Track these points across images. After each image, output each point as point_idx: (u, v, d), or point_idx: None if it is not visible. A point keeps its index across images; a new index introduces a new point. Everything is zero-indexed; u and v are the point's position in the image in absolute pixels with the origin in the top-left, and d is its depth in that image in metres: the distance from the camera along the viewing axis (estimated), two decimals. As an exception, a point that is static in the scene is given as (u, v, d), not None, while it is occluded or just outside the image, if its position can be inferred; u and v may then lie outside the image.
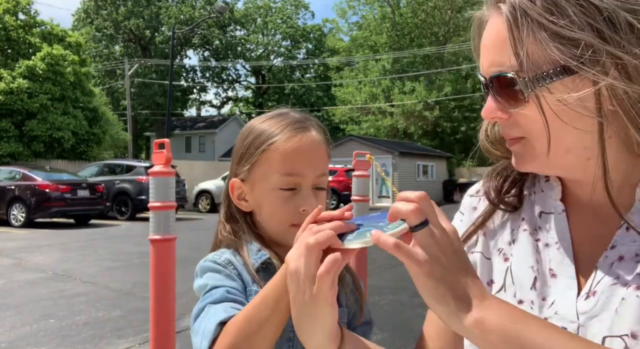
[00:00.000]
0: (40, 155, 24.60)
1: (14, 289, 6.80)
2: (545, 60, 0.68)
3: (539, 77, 0.68)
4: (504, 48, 0.71)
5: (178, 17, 46.68)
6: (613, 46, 0.65)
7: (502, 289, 0.82)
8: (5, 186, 14.75)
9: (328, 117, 45.79)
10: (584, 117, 0.68)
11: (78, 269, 8.25)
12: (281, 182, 1.01)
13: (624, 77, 0.65)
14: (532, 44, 0.68)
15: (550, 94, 0.68)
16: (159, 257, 2.96)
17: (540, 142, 0.72)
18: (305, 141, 1.03)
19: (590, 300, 0.71)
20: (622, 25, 0.65)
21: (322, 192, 1.04)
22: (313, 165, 1.02)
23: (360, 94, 38.31)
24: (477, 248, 0.89)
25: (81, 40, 28.96)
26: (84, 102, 26.39)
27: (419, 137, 38.21)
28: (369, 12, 41.68)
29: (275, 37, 54.23)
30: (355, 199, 4.30)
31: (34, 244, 11.18)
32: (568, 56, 0.66)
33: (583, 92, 0.67)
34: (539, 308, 0.76)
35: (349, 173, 21.14)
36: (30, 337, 4.82)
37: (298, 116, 1.08)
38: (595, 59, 0.65)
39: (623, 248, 0.71)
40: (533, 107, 0.70)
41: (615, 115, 0.68)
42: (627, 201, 0.73)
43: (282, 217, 1.01)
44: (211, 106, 65.49)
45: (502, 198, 0.88)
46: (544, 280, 0.78)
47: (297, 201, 1.01)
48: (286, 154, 1.01)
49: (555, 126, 0.70)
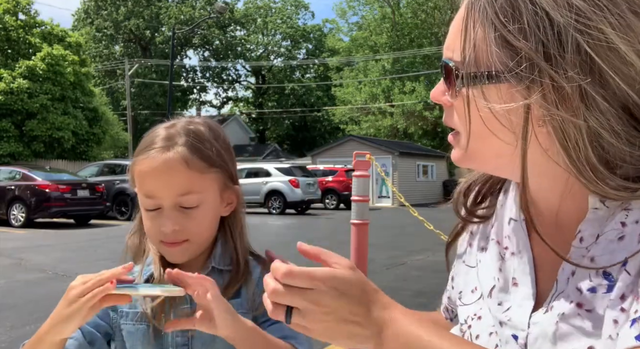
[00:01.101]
0: (40, 155, 24.62)
1: (14, 289, 6.80)
2: (486, 61, 0.66)
3: (475, 76, 0.66)
4: (460, 35, 0.69)
5: (178, 17, 46.69)
6: (552, 65, 0.61)
7: (481, 297, 0.82)
8: (5, 186, 14.74)
9: (328, 117, 45.82)
10: (508, 130, 0.66)
11: (78, 269, 8.24)
12: (143, 203, 1.05)
13: (558, 100, 0.62)
14: (480, 41, 0.66)
15: (481, 96, 0.66)
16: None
17: (468, 140, 0.71)
18: (158, 162, 1.01)
19: (547, 314, 0.69)
20: (570, 44, 0.61)
21: (191, 211, 1.03)
22: (168, 186, 1.01)
23: (360, 94, 38.32)
24: (465, 258, 0.90)
25: (81, 41, 28.99)
26: (84, 102, 26.40)
27: (419, 137, 38.21)
28: (369, 13, 41.68)
29: (275, 37, 54.26)
30: (355, 199, 4.30)
31: (34, 244, 11.18)
32: (505, 63, 0.64)
33: (508, 106, 0.64)
34: (494, 313, 0.76)
35: (349, 173, 21.15)
36: (30, 337, 4.81)
37: (171, 132, 1.06)
38: (530, 74, 0.62)
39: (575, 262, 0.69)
40: (464, 99, 0.69)
41: (547, 135, 0.65)
42: (581, 210, 0.69)
43: (151, 234, 1.06)
44: (211, 106, 65.55)
45: (472, 212, 0.87)
46: (504, 287, 0.77)
47: (159, 220, 1.03)
48: (141, 175, 1.03)
49: (479, 128, 0.68)
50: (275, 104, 51.82)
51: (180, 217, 1.02)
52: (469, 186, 0.89)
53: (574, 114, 0.62)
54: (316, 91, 50.35)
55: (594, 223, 0.68)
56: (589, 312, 0.64)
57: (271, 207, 20.29)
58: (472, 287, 0.85)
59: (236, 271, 1.09)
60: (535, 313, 0.71)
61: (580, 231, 0.69)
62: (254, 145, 45.83)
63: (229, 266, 1.10)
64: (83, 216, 15.56)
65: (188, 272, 0.96)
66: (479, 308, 0.81)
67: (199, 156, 1.03)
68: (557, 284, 0.70)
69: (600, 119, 0.62)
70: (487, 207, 0.87)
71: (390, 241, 11.21)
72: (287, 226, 15.41)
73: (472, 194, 0.89)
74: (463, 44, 0.68)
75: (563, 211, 0.72)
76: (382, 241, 10.90)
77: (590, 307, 0.64)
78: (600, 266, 0.64)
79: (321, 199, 22.51)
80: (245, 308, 1.05)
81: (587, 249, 0.68)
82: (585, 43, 0.61)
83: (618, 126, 0.62)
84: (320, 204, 23.15)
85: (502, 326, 0.74)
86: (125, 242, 1.14)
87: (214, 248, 1.11)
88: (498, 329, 0.74)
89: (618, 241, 0.65)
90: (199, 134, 1.06)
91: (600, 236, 0.67)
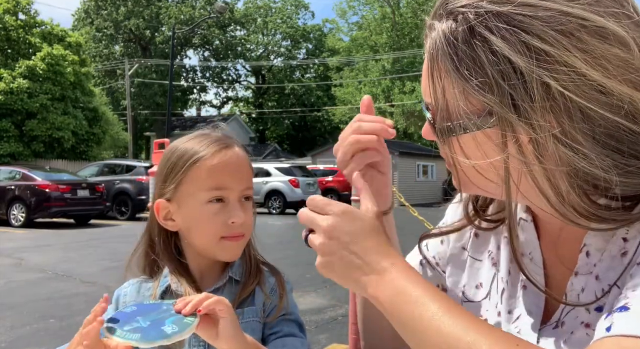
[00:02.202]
0: (40, 155, 24.62)
1: (14, 289, 6.80)
2: (457, 112, 0.65)
3: (449, 128, 0.66)
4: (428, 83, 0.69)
5: (178, 17, 46.67)
6: (522, 116, 0.59)
7: (487, 297, 0.81)
8: (5, 186, 14.73)
9: (328, 117, 45.80)
10: (493, 173, 0.66)
11: (78, 269, 8.25)
12: (209, 196, 1.06)
13: (535, 150, 0.61)
14: (449, 90, 0.65)
15: (459, 149, 0.67)
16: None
17: (459, 179, 0.72)
18: (230, 156, 1.09)
19: (558, 330, 0.69)
20: (537, 89, 0.59)
21: (248, 202, 1.11)
22: (238, 178, 1.09)
23: (360, 94, 38.30)
24: (468, 249, 0.88)
25: (81, 40, 28.98)
26: (84, 102, 26.41)
27: (419, 137, 38.20)
28: (369, 12, 41.68)
29: (275, 37, 54.23)
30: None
31: (34, 244, 11.17)
32: (475, 116, 0.63)
33: (482, 162, 0.65)
34: (505, 322, 0.75)
35: (349, 173, 21.12)
36: (30, 337, 4.82)
37: (220, 135, 1.14)
38: (502, 128, 0.61)
39: (583, 278, 0.69)
40: (447, 148, 0.69)
41: (527, 182, 0.65)
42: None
43: (212, 230, 1.06)
44: (211, 106, 65.48)
45: (482, 216, 0.85)
46: (513, 293, 0.76)
47: (225, 213, 1.06)
48: (212, 169, 1.07)
49: (466, 172, 0.69)
50: (275, 104, 51.81)
51: (242, 209, 1.08)
52: None
53: (556, 161, 0.60)
54: (316, 90, 50.34)
55: (597, 236, 0.67)
56: (595, 331, 0.64)
57: (271, 207, 20.28)
58: (477, 282, 0.84)
59: (249, 279, 1.11)
60: (545, 327, 0.70)
61: (586, 245, 0.68)
62: (254, 145, 45.81)
63: (243, 277, 1.12)
64: (83, 216, 15.56)
65: (203, 286, 1.02)
66: (485, 309, 0.80)
67: (248, 156, 1.15)
68: (566, 298, 0.69)
69: (586, 159, 0.60)
70: (496, 212, 0.85)
71: (390, 241, 11.18)
72: (287, 226, 15.40)
73: (480, 198, 0.87)
74: (433, 95, 0.67)
75: (566, 226, 0.71)
76: (382, 241, 10.89)
77: (595, 327, 0.63)
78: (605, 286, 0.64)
79: (321, 199, 22.48)
80: (258, 317, 1.07)
81: (594, 266, 0.67)
82: (555, 82, 0.58)
83: (605, 160, 0.60)
84: (321, 204, 23.13)
85: None
86: (128, 260, 1.15)
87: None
88: None
89: (621, 257, 0.64)
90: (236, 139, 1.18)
91: (604, 252, 0.66)
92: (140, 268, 1.15)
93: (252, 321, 1.06)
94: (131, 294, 1.12)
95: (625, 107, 0.59)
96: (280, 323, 1.08)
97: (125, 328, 0.83)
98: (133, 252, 1.16)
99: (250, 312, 1.07)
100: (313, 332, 4.96)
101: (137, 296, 1.11)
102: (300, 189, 20.14)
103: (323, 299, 6.26)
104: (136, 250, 1.15)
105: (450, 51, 0.64)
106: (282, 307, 1.09)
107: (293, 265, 8.26)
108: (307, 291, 6.58)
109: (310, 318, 5.38)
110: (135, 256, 1.15)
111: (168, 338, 0.81)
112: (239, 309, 1.05)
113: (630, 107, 0.59)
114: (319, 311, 5.71)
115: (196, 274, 1.10)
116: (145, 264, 1.14)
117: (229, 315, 0.87)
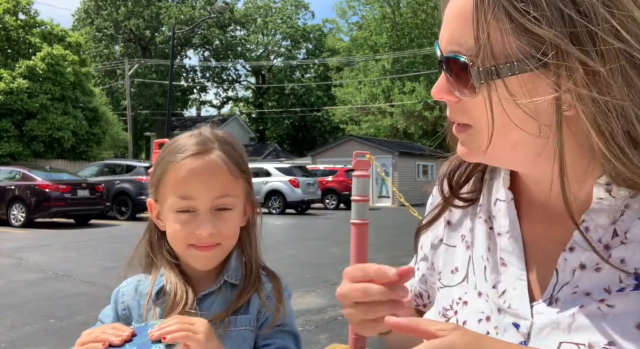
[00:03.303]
0: (40, 155, 24.62)
1: (14, 289, 6.80)
2: (505, 52, 0.61)
3: (494, 69, 0.62)
4: (466, 26, 0.63)
5: (178, 17, 46.66)
6: (583, 49, 0.58)
7: (464, 280, 0.80)
8: (5, 186, 14.73)
9: (328, 117, 45.79)
10: (535, 121, 0.63)
11: (78, 269, 8.25)
12: (177, 205, 1.03)
13: (592, 84, 0.58)
14: (495, 30, 0.61)
15: (504, 89, 0.62)
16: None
17: (487, 135, 0.66)
18: (201, 164, 1.02)
19: (554, 306, 0.67)
20: (600, 23, 0.57)
21: (224, 212, 1.04)
22: (209, 187, 1.02)
23: (360, 94, 38.31)
24: (443, 238, 0.87)
25: (81, 41, 28.98)
26: (84, 102, 26.41)
27: (419, 137, 38.20)
28: (369, 12, 41.67)
29: (275, 37, 54.23)
30: (355, 199, 4.29)
31: (34, 244, 11.17)
32: (530, 53, 0.60)
33: (538, 99, 0.61)
34: (492, 299, 0.74)
35: (349, 173, 21.15)
36: (30, 337, 4.82)
37: (203, 138, 1.07)
38: (558, 61, 0.58)
39: (583, 255, 0.67)
40: (482, 98, 0.64)
41: (575, 120, 0.62)
42: (586, 200, 0.68)
43: (180, 238, 1.03)
44: (211, 106, 65.50)
45: (456, 194, 0.85)
46: (494, 268, 0.75)
47: (194, 223, 1.02)
48: (180, 177, 1.02)
49: (502, 122, 0.64)
50: (275, 104, 51.80)
51: (215, 220, 1.02)
52: (453, 168, 0.87)
53: (612, 95, 0.59)
54: (316, 90, 50.33)
55: (600, 213, 0.67)
56: (610, 307, 0.63)
57: (271, 207, 20.28)
58: (452, 267, 0.82)
59: (246, 285, 1.07)
60: (537, 303, 0.69)
61: (585, 221, 0.67)
62: (254, 145, 45.79)
63: (240, 280, 1.09)
64: (83, 216, 15.56)
65: (199, 288, 1.02)
66: (464, 292, 0.79)
67: (233, 161, 1.06)
68: (558, 274, 0.68)
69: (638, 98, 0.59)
70: (471, 191, 0.85)
71: (390, 241, 11.21)
72: (287, 226, 15.40)
73: (455, 176, 0.86)
74: (477, 35, 0.62)
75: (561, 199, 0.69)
76: (382, 241, 10.90)
77: (612, 303, 0.63)
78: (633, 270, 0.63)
79: (321, 199, 22.50)
80: (252, 326, 1.05)
81: (599, 242, 0.66)
82: (614, 20, 0.57)
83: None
84: (320, 204, 23.15)
85: (500, 312, 0.72)
86: (130, 256, 1.14)
87: (227, 261, 1.10)
88: (495, 316, 0.72)
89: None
90: (227, 140, 1.09)
91: (624, 233, 0.65)
92: (142, 265, 1.14)
93: (245, 329, 1.04)
94: (129, 293, 1.12)
95: None
96: (274, 334, 1.05)
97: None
98: (135, 249, 1.15)
99: (243, 320, 1.04)
100: (313, 332, 4.96)
101: (134, 294, 1.11)
102: (300, 189, 20.14)
103: (323, 299, 6.26)
104: (138, 247, 1.15)
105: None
106: (278, 318, 1.06)
107: (293, 265, 8.27)
108: (307, 291, 6.58)
109: (310, 318, 5.38)
110: (137, 253, 1.14)
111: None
112: (233, 316, 1.04)
113: None
114: (319, 311, 5.71)
115: (190, 275, 1.08)
116: (147, 262, 1.13)
117: (199, 343, 0.86)
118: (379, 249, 9.27)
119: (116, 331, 0.88)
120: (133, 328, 0.90)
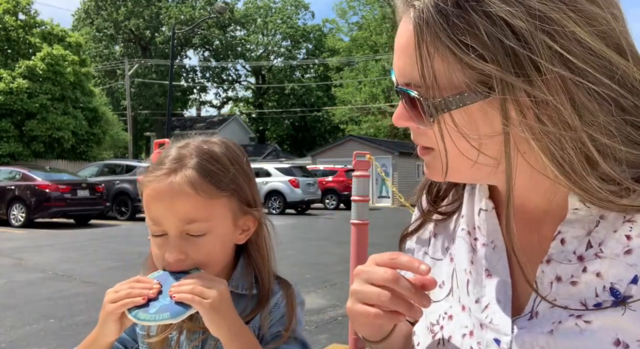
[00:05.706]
0: (40, 155, 24.63)
1: (14, 289, 6.79)
2: (452, 85, 0.61)
3: (443, 102, 0.61)
4: (413, 60, 0.62)
5: (178, 17, 46.67)
6: (527, 80, 0.57)
7: (450, 293, 0.79)
8: (5, 186, 14.73)
9: (328, 117, 45.78)
10: (484, 153, 0.64)
11: (78, 269, 8.25)
12: (150, 228, 0.98)
13: (542, 114, 0.58)
14: (439, 64, 0.60)
15: (452, 122, 0.62)
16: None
17: (446, 164, 0.67)
18: (164, 186, 0.94)
19: (534, 320, 0.67)
20: (541, 50, 0.56)
21: (197, 239, 0.94)
22: (173, 212, 0.93)
23: (360, 94, 38.32)
24: (429, 252, 0.86)
25: (81, 41, 28.99)
26: (84, 102, 26.42)
27: (419, 138, 38.22)
28: (369, 13, 41.68)
29: (275, 37, 54.23)
30: (355, 199, 4.29)
31: (34, 244, 11.17)
32: (473, 86, 0.59)
33: (486, 136, 0.62)
34: (474, 313, 0.73)
35: (349, 173, 21.14)
36: (30, 337, 4.82)
37: (182, 153, 0.98)
38: (507, 95, 0.58)
39: (559, 267, 0.66)
40: (437, 127, 0.64)
41: (528, 150, 0.62)
42: (562, 210, 0.67)
43: (157, 260, 0.99)
44: (211, 106, 65.52)
45: (435, 208, 0.85)
46: (478, 281, 0.74)
47: (165, 247, 0.95)
48: (147, 199, 0.96)
49: (460, 146, 0.64)
50: (275, 104, 51.80)
51: (186, 246, 0.94)
52: (432, 181, 0.86)
53: (563, 122, 0.58)
54: (316, 90, 50.34)
55: (575, 225, 0.66)
56: (588, 323, 0.63)
57: (271, 207, 20.28)
58: (440, 281, 0.81)
59: (256, 297, 1.03)
60: (519, 317, 0.69)
61: (561, 232, 0.67)
62: (254, 145, 45.81)
63: (248, 291, 1.03)
64: (83, 216, 15.56)
65: None
66: (449, 306, 0.78)
67: (209, 180, 0.95)
68: (537, 286, 0.67)
69: (595, 123, 0.58)
70: (450, 203, 0.84)
71: (390, 241, 11.17)
72: (287, 226, 15.40)
73: (435, 189, 0.86)
74: (421, 71, 0.62)
75: (540, 209, 0.69)
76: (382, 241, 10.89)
77: (589, 319, 0.63)
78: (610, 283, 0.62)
79: (321, 199, 22.50)
80: (256, 331, 1.03)
81: (574, 254, 0.66)
82: (556, 45, 0.56)
83: (611, 125, 0.59)
84: (320, 204, 23.14)
85: (482, 328, 0.71)
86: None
87: (233, 271, 1.04)
88: (477, 331, 0.72)
89: (624, 255, 0.63)
90: (212, 155, 0.98)
91: (599, 245, 0.64)
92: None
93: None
94: None
95: (618, 73, 0.58)
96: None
97: (152, 310, 0.88)
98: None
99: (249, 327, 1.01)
100: (313, 332, 4.96)
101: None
102: (300, 189, 20.14)
103: (323, 299, 6.26)
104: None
105: (441, 19, 0.59)
106: (289, 332, 0.99)
107: (293, 265, 8.26)
108: (307, 291, 6.58)
109: (310, 318, 5.37)
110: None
111: (190, 309, 0.87)
112: None
113: (623, 74, 0.59)
114: (319, 311, 5.71)
115: None
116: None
117: (203, 309, 0.87)
118: (379, 249, 9.22)
119: (144, 284, 0.90)
120: (157, 280, 0.92)
